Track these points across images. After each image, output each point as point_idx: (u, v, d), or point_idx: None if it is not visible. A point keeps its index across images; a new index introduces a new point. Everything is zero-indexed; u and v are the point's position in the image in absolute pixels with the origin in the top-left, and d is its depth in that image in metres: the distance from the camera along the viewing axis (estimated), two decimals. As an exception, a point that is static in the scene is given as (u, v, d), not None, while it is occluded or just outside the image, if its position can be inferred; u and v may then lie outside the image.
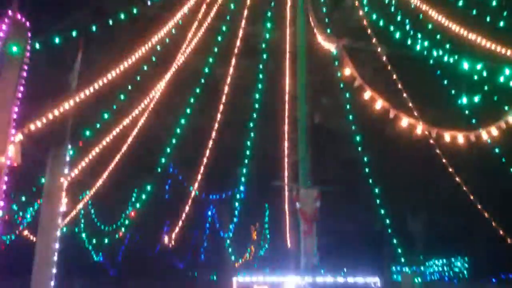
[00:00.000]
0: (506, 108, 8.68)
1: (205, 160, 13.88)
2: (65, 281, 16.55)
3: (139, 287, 20.98)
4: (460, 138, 7.44)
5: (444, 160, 12.07)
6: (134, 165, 15.57)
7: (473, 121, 11.94)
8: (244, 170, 13.88)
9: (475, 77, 10.10)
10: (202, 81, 13.74)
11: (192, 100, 13.62)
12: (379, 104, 7.19)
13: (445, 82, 12.79)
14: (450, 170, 12.18)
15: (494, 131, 7.67)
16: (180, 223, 12.43)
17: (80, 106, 9.10)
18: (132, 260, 21.37)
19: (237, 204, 17.14)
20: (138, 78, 11.15)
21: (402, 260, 14.22)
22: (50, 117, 7.99)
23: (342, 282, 9.36)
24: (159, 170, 11.65)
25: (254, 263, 21.98)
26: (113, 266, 22.21)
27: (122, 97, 10.93)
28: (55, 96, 9.20)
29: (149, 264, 21.51)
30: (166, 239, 12.32)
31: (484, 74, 8.71)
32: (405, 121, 7.25)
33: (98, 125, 10.56)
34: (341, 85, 13.70)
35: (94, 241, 16.28)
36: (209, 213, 22.01)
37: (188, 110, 13.55)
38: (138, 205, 11.70)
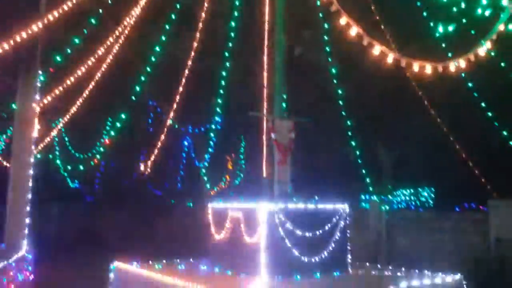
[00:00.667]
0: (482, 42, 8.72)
1: (181, 88, 13.73)
2: (42, 207, 16.77)
3: (116, 213, 21.39)
4: (428, 69, 7.48)
5: (419, 93, 12.23)
6: (108, 93, 15.34)
7: (449, 54, 12.01)
8: (221, 101, 13.81)
9: (454, 8, 10.04)
10: (178, 6, 13.31)
11: (167, 27, 13.24)
12: (354, 30, 7.12)
13: (424, 13, 12.69)
14: (426, 103, 12.36)
15: (462, 63, 7.71)
16: (156, 151, 12.48)
17: (49, 30, 8.80)
18: (108, 187, 21.67)
19: (212, 135, 17.26)
20: (110, 1, 10.72)
21: (371, 189, 14.78)
22: (18, 40, 7.71)
23: (313, 208, 9.70)
24: (133, 98, 11.49)
25: (229, 192, 22.58)
26: (89, 193, 22.50)
27: (93, 21, 10.53)
28: (23, 20, 8.85)
29: (126, 191, 21.84)
30: (142, 167, 12.42)
31: (463, 5, 8.65)
32: (377, 49, 7.22)
33: (69, 51, 10.25)
34: (320, 15, 13.48)
35: (69, 168, 16.33)
36: (185, 143, 22.22)
37: (163, 37, 13.21)
38: (112, 133, 11.65)
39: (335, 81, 13.13)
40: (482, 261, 12.05)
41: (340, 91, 13.16)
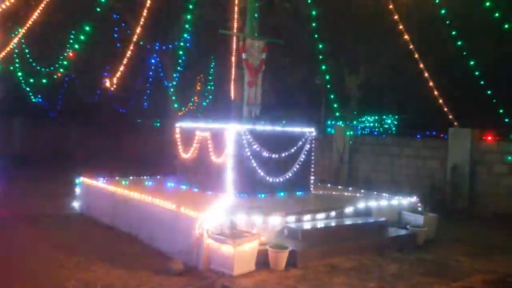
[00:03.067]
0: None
1: (148, 2, 13.07)
2: (4, 122, 16.38)
3: (81, 130, 21.15)
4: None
5: (395, 17, 12.07)
6: (71, 3, 14.49)
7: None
8: (189, 17, 13.26)
9: None
10: None
11: None
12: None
13: None
14: (401, 27, 12.22)
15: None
16: (122, 67, 12.09)
17: None
18: (72, 103, 21.17)
19: (181, 53, 16.77)
20: None
21: (338, 114, 14.96)
22: None
23: (280, 131, 9.84)
24: (98, 10, 10.89)
25: (197, 113, 22.46)
26: (53, 108, 21.98)
27: None
28: None
29: (90, 107, 21.43)
30: (107, 83, 12.08)
31: None
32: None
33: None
34: None
35: (31, 81, 15.72)
36: (153, 61, 21.60)
37: None
38: (76, 46, 11.14)
39: (309, 0, 12.75)
40: (438, 185, 12.69)
41: (314, 12, 12.81)
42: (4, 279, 6.02)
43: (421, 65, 12.49)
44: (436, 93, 12.91)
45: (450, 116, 13.03)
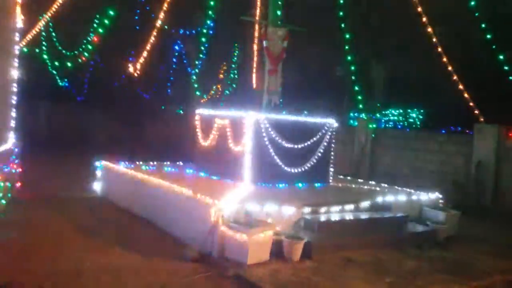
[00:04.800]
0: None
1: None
2: (30, 104, 16.64)
3: (106, 113, 21.34)
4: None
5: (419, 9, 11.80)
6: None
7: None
8: (213, 3, 13.15)
9: None
10: None
11: None
12: None
13: None
14: (424, 19, 11.93)
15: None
16: (146, 53, 12.11)
17: None
18: (97, 88, 21.39)
19: (204, 40, 16.73)
20: None
21: (361, 107, 14.73)
22: None
23: (300, 121, 9.70)
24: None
25: (220, 101, 22.43)
26: (78, 92, 22.26)
27: None
28: None
29: (115, 92, 21.61)
30: (131, 68, 12.11)
31: None
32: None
33: None
34: None
35: (56, 64, 15.88)
36: (176, 47, 21.64)
37: None
38: (101, 30, 11.18)
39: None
40: (461, 182, 12.41)
41: (342, 1, 12.54)
42: (23, 258, 6.13)
43: (448, 59, 12.16)
44: (462, 87, 12.58)
45: (476, 112, 12.70)
